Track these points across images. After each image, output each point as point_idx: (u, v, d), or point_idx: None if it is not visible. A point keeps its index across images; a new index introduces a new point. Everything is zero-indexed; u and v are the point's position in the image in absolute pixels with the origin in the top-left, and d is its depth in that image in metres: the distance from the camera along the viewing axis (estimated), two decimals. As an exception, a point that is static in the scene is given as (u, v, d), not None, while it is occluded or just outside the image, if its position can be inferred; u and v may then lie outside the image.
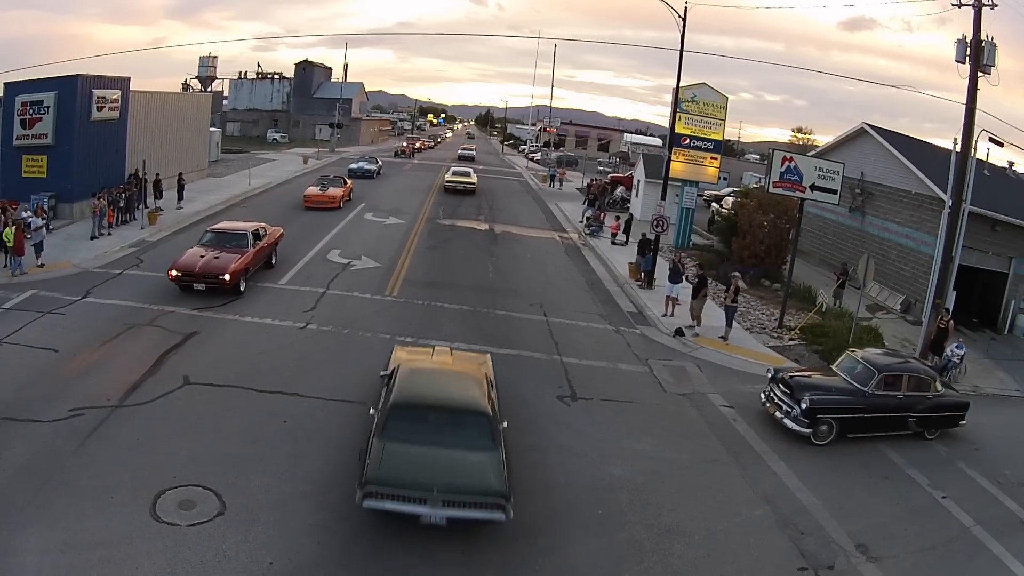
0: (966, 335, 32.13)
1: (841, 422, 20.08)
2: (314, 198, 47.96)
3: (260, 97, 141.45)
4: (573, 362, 23.83)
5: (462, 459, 13.82)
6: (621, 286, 35.39)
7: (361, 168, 68.72)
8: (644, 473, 17.10)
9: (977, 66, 27.65)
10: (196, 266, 26.22)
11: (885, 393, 20.55)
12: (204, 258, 26.72)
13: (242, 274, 26.95)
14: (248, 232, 28.94)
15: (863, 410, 20.32)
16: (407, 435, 13.97)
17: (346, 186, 52.25)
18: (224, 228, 29.97)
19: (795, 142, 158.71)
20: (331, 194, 48.74)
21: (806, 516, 16.14)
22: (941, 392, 21.71)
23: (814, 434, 19.86)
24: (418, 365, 17.28)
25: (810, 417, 19.74)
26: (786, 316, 30.94)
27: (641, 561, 13.81)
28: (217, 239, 28.37)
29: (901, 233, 37.90)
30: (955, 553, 15.74)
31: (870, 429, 20.62)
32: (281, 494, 14.49)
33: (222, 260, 26.62)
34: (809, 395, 19.92)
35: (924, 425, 21.10)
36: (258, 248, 28.96)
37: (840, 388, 20.78)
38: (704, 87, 45.97)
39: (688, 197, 47.19)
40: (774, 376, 21.63)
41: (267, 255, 30.49)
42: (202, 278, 26.01)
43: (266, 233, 30.64)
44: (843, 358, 22.32)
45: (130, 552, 12.31)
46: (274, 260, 31.33)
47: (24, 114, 35.25)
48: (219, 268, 26.17)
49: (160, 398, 18.19)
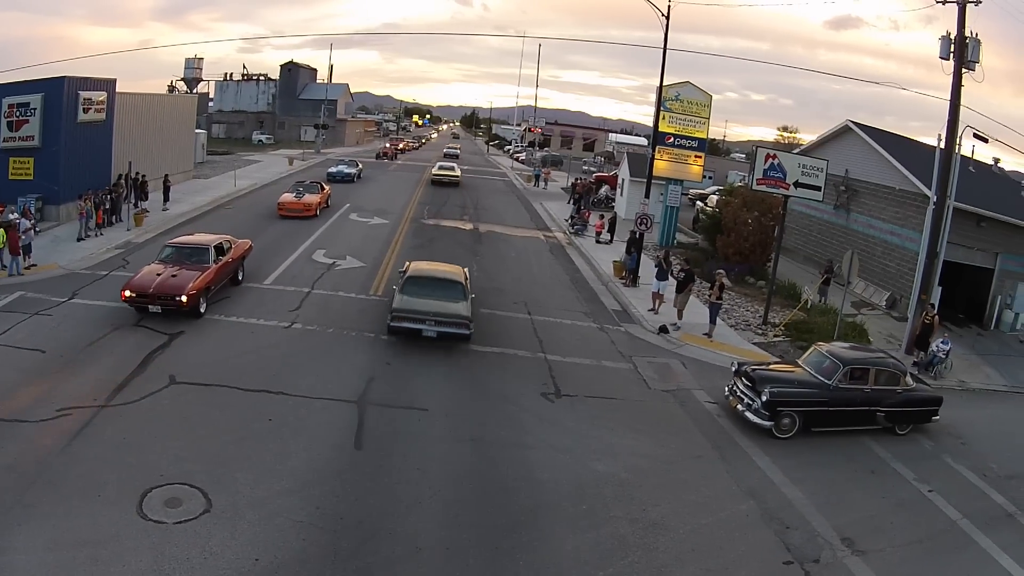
0: (952, 331, 32.30)
1: (804, 415, 20.05)
2: (288, 206, 44.67)
3: (246, 98, 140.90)
4: (557, 359, 23.90)
5: (445, 303, 23.69)
6: (606, 284, 35.47)
7: (340, 172, 65.98)
8: (628, 469, 17.17)
9: (961, 63, 27.87)
10: (151, 286, 23.65)
11: (851, 387, 20.51)
12: (161, 276, 24.14)
13: (202, 294, 24.42)
14: (210, 247, 26.38)
15: (827, 403, 20.26)
16: (415, 291, 24.00)
17: (323, 192, 48.96)
18: (185, 242, 27.25)
19: (781, 141, 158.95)
20: (307, 201, 45.39)
21: (791, 510, 16.22)
22: (912, 387, 21.64)
23: (776, 427, 19.83)
24: (423, 264, 27.68)
25: (770, 410, 19.72)
26: (771, 313, 31.04)
27: (626, 555, 13.86)
28: (177, 254, 25.96)
29: (886, 230, 38.08)
30: (942, 547, 15.81)
31: (835, 423, 20.59)
32: (267, 491, 14.52)
33: (180, 279, 24.10)
34: (770, 387, 19.90)
35: (893, 420, 21.01)
36: (221, 264, 26.46)
37: (804, 381, 20.77)
38: (688, 86, 46.13)
39: (672, 195, 47.25)
40: (737, 369, 21.64)
41: (233, 270, 28.01)
42: (157, 299, 23.52)
43: (231, 246, 28.20)
44: (810, 352, 22.36)
45: (117, 550, 12.31)
46: (241, 276, 28.77)
47: (10, 116, 35.03)
48: (175, 288, 23.62)
49: (146, 398, 18.17)
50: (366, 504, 14.51)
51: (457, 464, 16.62)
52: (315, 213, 45.20)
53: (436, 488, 15.45)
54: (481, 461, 16.92)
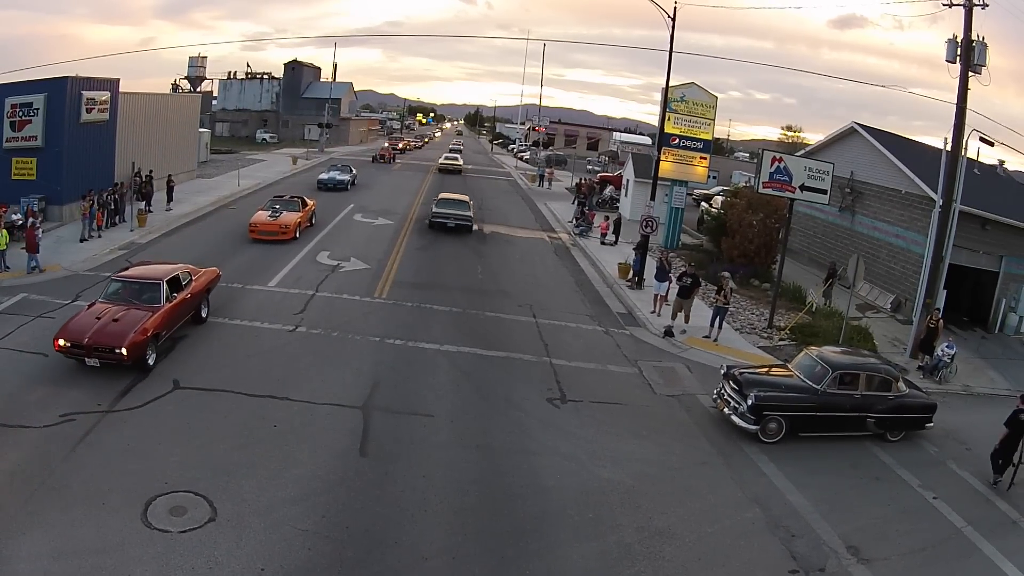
0: (956, 334, 32.21)
1: (791, 420, 19.88)
2: (261, 227, 36.98)
3: (249, 97, 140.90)
4: (562, 364, 23.83)
5: (459, 211, 45.28)
6: (610, 286, 35.40)
7: (332, 179, 59.26)
8: (634, 475, 17.11)
9: (968, 66, 27.80)
10: (86, 334, 19.18)
11: (840, 392, 20.30)
12: (101, 320, 19.78)
13: (150, 342, 19.98)
14: (163, 282, 21.74)
15: (815, 408, 20.06)
16: (442, 205, 46.38)
17: (305, 209, 41.00)
18: (133, 276, 22.53)
19: (784, 140, 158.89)
20: (283, 222, 37.48)
21: (797, 518, 16.15)
22: (904, 392, 21.27)
23: (762, 431, 19.70)
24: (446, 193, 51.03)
25: (756, 414, 19.60)
26: (776, 316, 30.96)
27: (632, 565, 13.81)
28: (124, 291, 21.58)
29: (891, 232, 37.98)
30: (947, 554, 15.74)
31: (824, 428, 20.41)
32: (272, 499, 14.48)
33: (122, 324, 19.69)
34: (756, 391, 19.78)
35: (885, 426, 20.77)
36: (176, 303, 21.98)
37: (792, 385, 20.58)
38: (693, 87, 46.04)
39: (677, 197, 47.18)
40: (726, 372, 21.51)
41: (193, 307, 23.61)
42: (93, 351, 19.10)
43: (192, 279, 23.71)
44: (800, 356, 22.23)
45: (121, 559, 12.27)
46: (205, 312, 24.47)
47: (13, 116, 35.04)
48: (114, 338, 19.15)
49: (150, 403, 18.14)
50: (372, 512, 14.46)
51: (463, 471, 16.54)
52: (293, 235, 37.65)
53: (442, 495, 15.39)
54: (487, 468, 16.86)
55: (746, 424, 19.74)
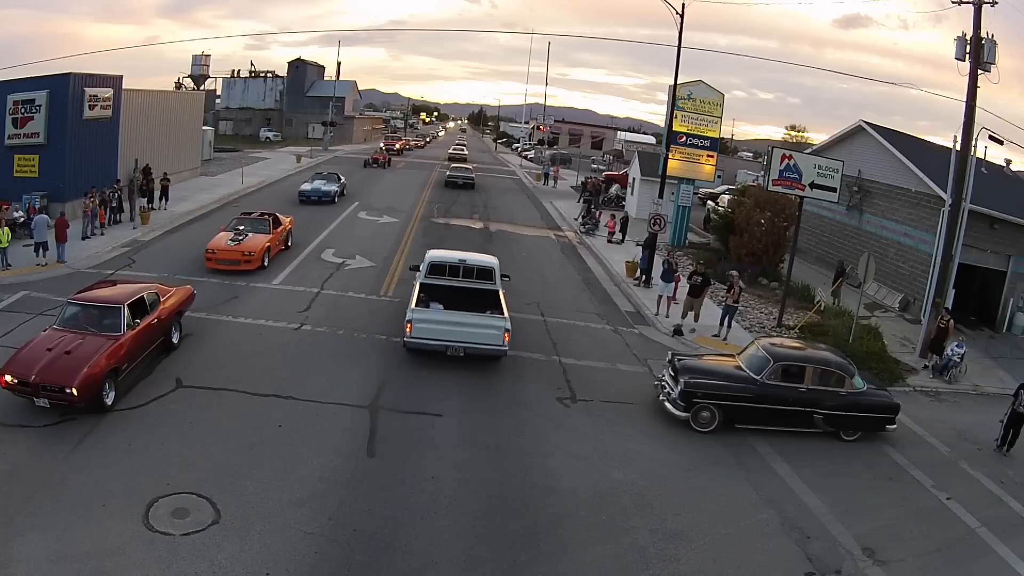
0: (964, 333, 31.99)
1: (725, 409, 19.51)
2: (220, 254, 30.21)
3: (253, 95, 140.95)
4: (572, 363, 23.62)
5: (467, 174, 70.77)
6: (618, 285, 35.19)
7: (317, 191, 50.73)
8: (647, 476, 16.89)
9: (977, 64, 27.48)
10: (33, 370, 16.40)
11: (782, 384, 19.77)
12: (52, 352, 16.95)
13: (105, 380, 17.07)
14: (123, 306, 18.73)
15: (753, 400, 19.61)
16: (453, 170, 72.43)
17: (277, 229, 33.70)
18: (91, 299, 19.40)
19: (788, 140, 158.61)
20: (247, 247, 30.50)
21: (811, 519, 15.97)
22: (860, 390, 20.34)
23: (694, 420, 19.47)
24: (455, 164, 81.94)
25: (687, 401, 19.37)
26: (784, 315, 30.69)
27: (647, 568, 13.59)
28: (81, 316, 18.64)
29: (899, 231, 37.73)
30: (961, 555, 15.57)
31: (763, 421, 19.84)
32: (277, 501, 14.25)
33: (75, 358, 16.82)
34: (687, 378, 19.53)
35: (835, 424, 20.07)
36: (140, 329, 19.06)
37: (729, 375, 20.18)
38: (700, 84, 45.92)
39: (684, 195, 47.00)
40: (669, 359, 21.30)
41: (162, 332, 20.69)
42: (40, 389, 16.35)
43: (160, 301, 20.78)
44: (749, 345, 21.96)
45: (122, 563, 12.04)
46: (176, 336, 21.54)
47: (16, 113, 34.89)
48: (63, 374, 16.36)
49: (152, 402, 17.95)
50: (380, 515, 14.22)
51: (473, 472, 16.33)
52: (261, 264, 30.80)
53: (451, 497, 15.18)
54: (497, 469, 16.62)
55: (676, 411, 19.57)
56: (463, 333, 21.54)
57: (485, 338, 21.61)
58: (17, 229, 30.10)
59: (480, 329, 21.67)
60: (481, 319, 21.93)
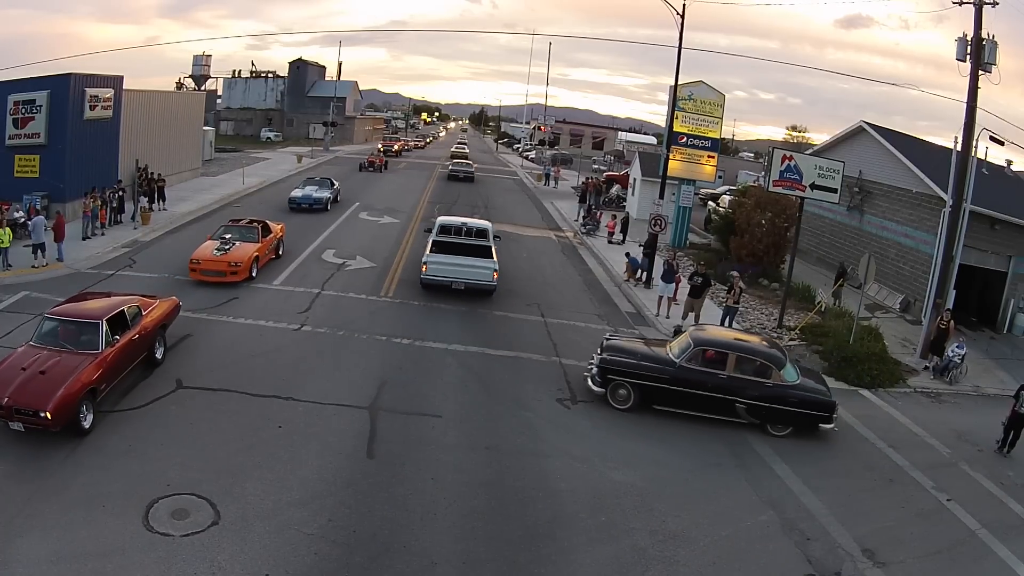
0: (965, 334, 31.96)
1: (641, 388, 20.03)
2: (205, 265, 28.43)
3: (254, 96, 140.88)
4: (572, 364, 23.52)
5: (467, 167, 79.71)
6: (619, 286, 35.18)
7: (308, 197, 47.90)
8: (647, 478, 16.87)
9: (978, 64, 27.45)
10: (5, 393, 15.13)
11: (701, 369, 19.86)
12: (26, 372, 15.79)
13: (82, 402, 15.88)
14: (101, 322, 17.47)
15: (669, 382, 19.83)
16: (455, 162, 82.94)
17: (267, 238, 31.89)
18: (68, 314, 17.98)
19: (789, 140, 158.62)
20: (234, 258, 28.72)
21: (811, 521, 15.94)
22: (791, 383, 19.85)
23: (611, 396, 20.21)
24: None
25: (603, 376, 20.08)
26: (785, 316, 30.65)
27: (646, 569, 13.57)
28: (58, 332, 17.40)
29: (900, 232, 37.69)
30: (962, 557, 15.53)
31: (680, 404, 20.02)
32: (277, 502, 14.23)
33: (49, 378, 15.65)
34: (606, 355, 20.17)
35: (758, 415, 19.83)
36: (121, 345, 17.86)
37: (649, 356, 20.64)
38: (701, 85, 45.88)
39: (685, 196, 46.97)
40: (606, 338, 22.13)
41: (145, 348, 19.45)
42: (14, 413, 15.08)
43: (142, 314, 19.55)
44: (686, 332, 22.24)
45: (122, 563, 12.03)
46: (159, 352, 20.25)
47: (16, 113, 34.90)
48: (37, 398, 15.13)
49: (152, 403, 17.92)
50: (379, 516, 14.21)
51: (472, 473, 16.30)
52: (248, 275, 29.12)
53: (451, 499, 15.15)
54: (497, 470, 16.60)
55: (595, 386, 20.45)
56: (463, 271, 28.61)
57: (480, 276, 28.63)
58: (18, 229, 30.08)
59: (476, 269, 28.70)
60: (477, 261, 29.04)
